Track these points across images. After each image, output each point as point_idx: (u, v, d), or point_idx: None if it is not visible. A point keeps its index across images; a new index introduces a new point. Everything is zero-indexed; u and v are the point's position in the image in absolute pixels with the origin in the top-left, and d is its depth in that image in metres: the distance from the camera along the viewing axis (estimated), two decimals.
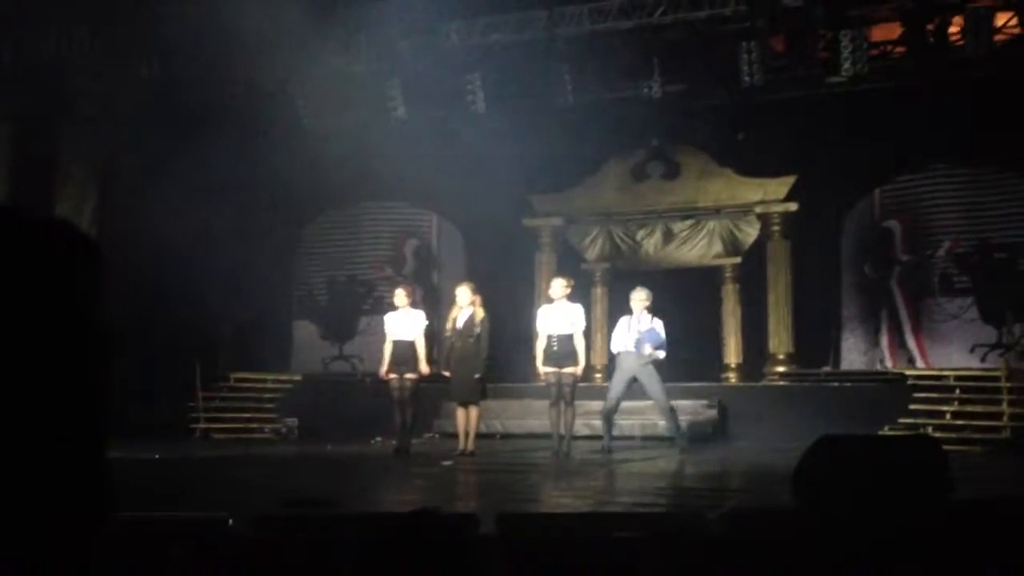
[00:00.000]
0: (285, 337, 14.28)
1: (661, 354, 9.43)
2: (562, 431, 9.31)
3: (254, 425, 12.69)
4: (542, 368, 9.36)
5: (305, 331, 14.32)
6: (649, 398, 9.73)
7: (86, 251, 1.37)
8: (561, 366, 9.22)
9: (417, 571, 2.64)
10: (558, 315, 9.33)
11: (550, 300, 9.61)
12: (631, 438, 11.20)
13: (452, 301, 9.90)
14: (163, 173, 10.92)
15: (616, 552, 3.24)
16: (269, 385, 13.30)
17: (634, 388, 9.66)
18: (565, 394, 9.24)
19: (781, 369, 12.21)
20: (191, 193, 11.52)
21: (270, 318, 13.99)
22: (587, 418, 10.52)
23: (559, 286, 9.46)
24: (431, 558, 2.62)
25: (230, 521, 3.67)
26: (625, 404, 11.66)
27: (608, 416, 9.68)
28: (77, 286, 1.34)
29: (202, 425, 12.54)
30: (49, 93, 11.87)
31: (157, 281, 11.27)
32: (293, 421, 12.68)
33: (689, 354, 12.27)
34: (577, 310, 9.39)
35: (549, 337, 9.29)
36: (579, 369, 9.34)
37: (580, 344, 9.32)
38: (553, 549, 3.22)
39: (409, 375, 9.63)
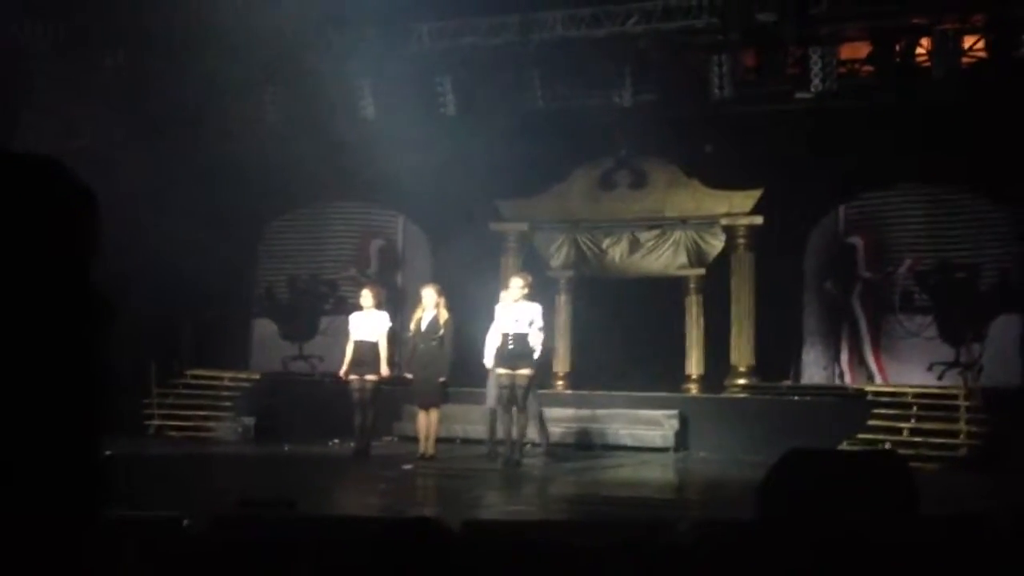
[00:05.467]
0: (244, 335, 14.08)
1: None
2: (514, 436, 9.09)
3: (210, 423, 12.49)
4: (495, 369, 9.21)
5: (265, 329, 14.13)
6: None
7: (82, 196, 1.20)
8: (515, 367, 8.99)
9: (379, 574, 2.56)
10: (515, 314, 9.15)
11: (507, 300, 9.41)
12: (592, 447, 11.18)
13: (417, 302, 9.81)
14: (124, 166, 10.72)
15: (582, 560, 3.19)
16: (226, 383, 13.10)
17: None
18: (518, 397, 8.99)
19: (742, 381, 12.25)
20: (152, 187, 11.33)
21: (230, 315, 13.79)
22: (556, 424, 10.43)
23: (516, 287, 9.25)
24: (395, 563, 2.55)
25: (185, 521, 3.57)
26: (586, 412, 11.66)
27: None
28: (75, 235, 1.17)
29: (156, 422, 12.34)
30: (9, 80, 11.61)
31: (115, 275, 11.02)
32: (250, 420, 12.50)
33: (651, 364, 12.29)
34: (535, 309, 9.19)
35: (505, 336, 9.09)
36: (533, 371, 9.11)
37: (537, 344, 9.09)
38: (518, 557, 3.16)
39: (370, 376, 9.56)
